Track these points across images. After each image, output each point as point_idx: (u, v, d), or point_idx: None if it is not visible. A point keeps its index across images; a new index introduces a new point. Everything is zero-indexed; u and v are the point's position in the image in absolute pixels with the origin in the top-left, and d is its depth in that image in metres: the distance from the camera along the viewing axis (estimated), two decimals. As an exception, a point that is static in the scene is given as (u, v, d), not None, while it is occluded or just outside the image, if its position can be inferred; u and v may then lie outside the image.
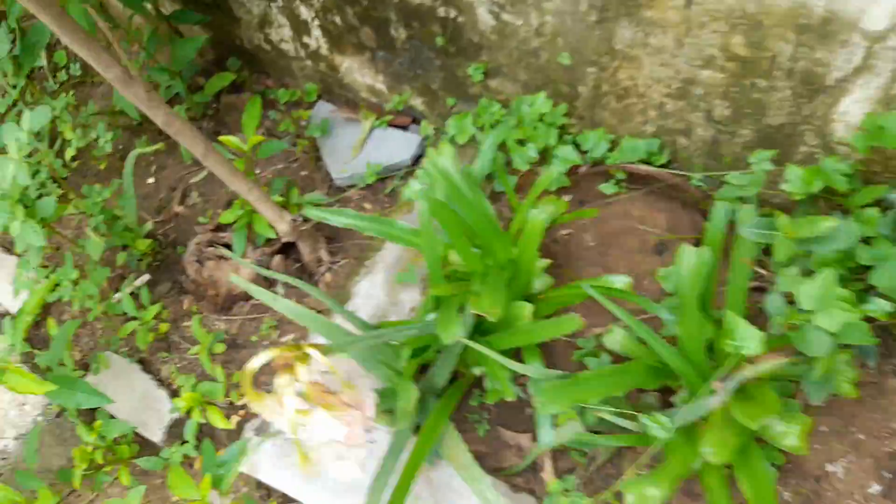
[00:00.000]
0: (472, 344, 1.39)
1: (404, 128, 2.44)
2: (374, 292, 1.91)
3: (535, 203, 1.69)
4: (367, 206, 2.38)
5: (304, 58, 2.60)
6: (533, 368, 1.42)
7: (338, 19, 2.31)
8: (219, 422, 1.68)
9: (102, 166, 2.59)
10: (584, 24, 1.78)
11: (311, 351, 1.23)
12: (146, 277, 2.35)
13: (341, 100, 2.66)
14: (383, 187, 2.37)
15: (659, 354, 1.39)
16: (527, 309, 1.47)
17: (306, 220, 2.08)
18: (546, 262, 1.65)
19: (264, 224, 2.14)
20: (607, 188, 1.94)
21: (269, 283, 2.24)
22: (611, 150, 1.96)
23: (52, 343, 1.86)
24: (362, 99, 2.59)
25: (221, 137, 2.23)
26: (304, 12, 2.38)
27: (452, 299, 1.45)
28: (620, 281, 1.56)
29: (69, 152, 2.43)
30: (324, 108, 2.58)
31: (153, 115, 1.63)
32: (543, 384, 1.33)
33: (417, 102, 2.42)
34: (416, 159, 2.35)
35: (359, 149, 2.40)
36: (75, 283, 2.05)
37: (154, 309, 2.07)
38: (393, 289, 1.91)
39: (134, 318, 2.22)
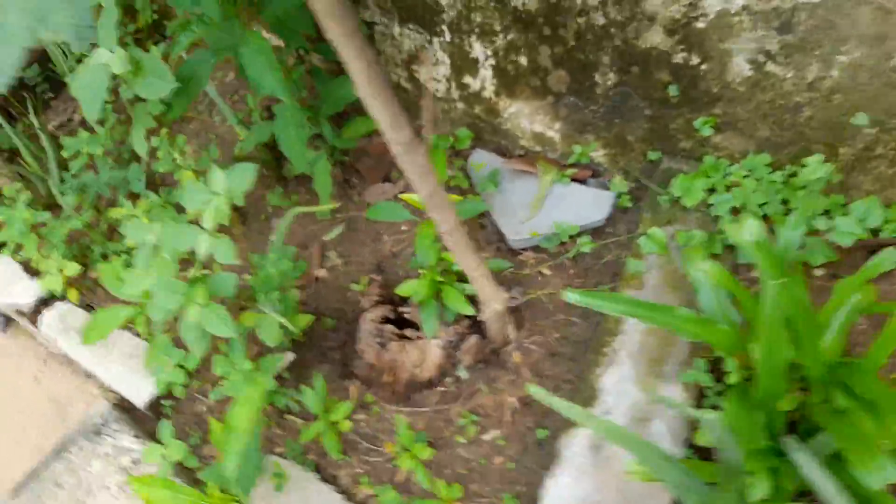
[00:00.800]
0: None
1: (583, 182, 2.16)
2: (626, 388, 1.61)
3: (850, 290, 1.43)
4: (546, 271, 2.08)
5: (455, 99, 2.30)
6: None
7: (523, 60, 2.02)
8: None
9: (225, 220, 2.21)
10: (883, 80, 1.55)
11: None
12: (291, 357, 1.99)
13: (490, 147, 2.36)
14: (562, 250, 2.08)
15: None
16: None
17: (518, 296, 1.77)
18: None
19: (459, 298, 1.82)
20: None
21: (451, 365, 1.91)
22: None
23: (229, 454, 1.48)
24: (521, 147, 2.30)
25: (403, 195, 1.92)
26: (478, 50, 2.08)
27: (867, 432, 1.15)
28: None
29: (195, 206, 2.05)
30: (482, 158, 2.28)
31: (420, 184, 1.31)
32: None
33: (598, 154, 2.14)
34: (608, 219, 2.07)
35: (538, 206, 2.10)
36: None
37: (344, 407, 1.71)
38: (646, 382, 1.61)
39: (290, 413, 1.86)
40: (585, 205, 2.07)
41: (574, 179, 2.14)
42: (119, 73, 1.64)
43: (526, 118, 2.20)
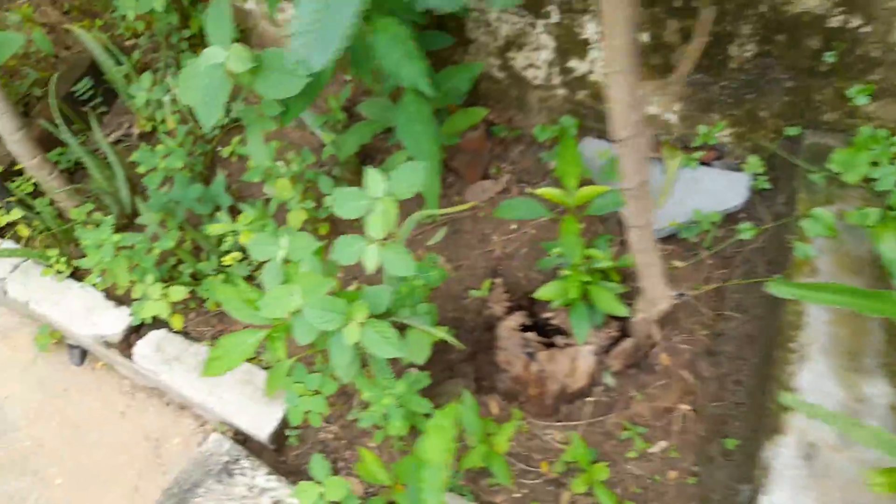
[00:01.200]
0: None
1: (709, 165, 2.01)
2: (825, 387, 1.46)
3: None
4: (678, 263, 1.93)
5: (556, 86, 2.14)
6: None
7: (644, 37, 1.87)
8: None
9: (324, 230, 2.04)
10: None
11: None
12: (415, 373, 1.82)
13: (594, 135, 2.21)
14: (698, 240, 1.92)
15: None
16: None
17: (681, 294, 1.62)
18: None
19: (611, 299, 1.66)
20: None
21: (599, 372, 1.76)
22: None
23: (428, 491, 1.31)
24: (630, 132, 2.14)
25: (540, 191, 1.76)
26: (590, 30, 1.93)
27: None
28: None
29: (297, 216, 1.88)
30: (594, 146, 2.12)
31: (634, 173, 1.16)
32: None
33: (723, 134, 1.99)
34: (746, 203, 1.92)
35: (668, 193, 1.95)
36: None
37: (507, 429, 1.54)
38: (846, 379, 1.46)
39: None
40: (720, 189, 1.92)
41: (702, 163, 1.99)
42: (236, 73, 1.47)
43: (639, 101, 2.04)
